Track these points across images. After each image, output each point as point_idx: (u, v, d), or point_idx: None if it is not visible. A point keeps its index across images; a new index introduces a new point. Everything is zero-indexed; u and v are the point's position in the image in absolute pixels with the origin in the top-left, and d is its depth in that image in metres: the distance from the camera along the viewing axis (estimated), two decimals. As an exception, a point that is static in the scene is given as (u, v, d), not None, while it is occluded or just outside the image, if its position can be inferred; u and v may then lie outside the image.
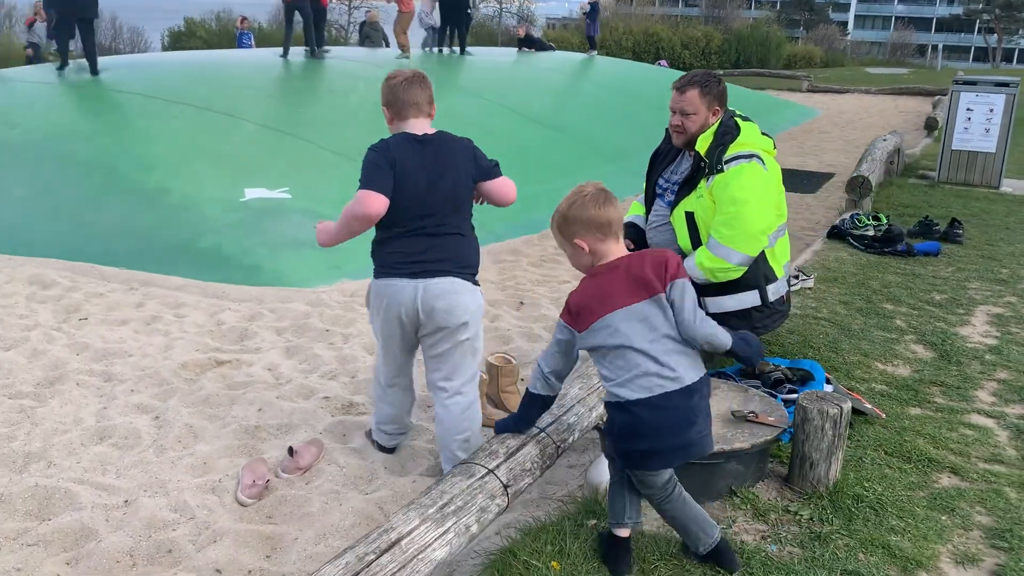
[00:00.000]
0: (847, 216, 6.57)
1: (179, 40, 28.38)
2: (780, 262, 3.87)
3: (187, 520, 3.10)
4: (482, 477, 2.43)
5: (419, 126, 3.30)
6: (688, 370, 2.39)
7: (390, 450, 3.62)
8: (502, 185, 3.50)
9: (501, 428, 2.70)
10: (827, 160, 11.94)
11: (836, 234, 6.41)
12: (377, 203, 3.08)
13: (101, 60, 10.38)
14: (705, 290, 3.77)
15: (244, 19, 17.29)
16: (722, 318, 3.82)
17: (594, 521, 2.87)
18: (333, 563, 2.02)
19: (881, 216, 6.44)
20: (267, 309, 5.36)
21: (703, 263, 3.66)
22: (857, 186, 7.18)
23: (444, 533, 2.20)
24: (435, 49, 14.89)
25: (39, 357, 4.52)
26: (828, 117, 17.14)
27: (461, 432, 3.28)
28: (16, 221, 6.77)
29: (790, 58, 36.62)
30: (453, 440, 3.28)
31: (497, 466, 2.49)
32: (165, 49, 29.19)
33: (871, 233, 6.18)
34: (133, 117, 8.34)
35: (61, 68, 10.03)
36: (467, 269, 3.33)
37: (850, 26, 78.70)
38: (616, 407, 2.43)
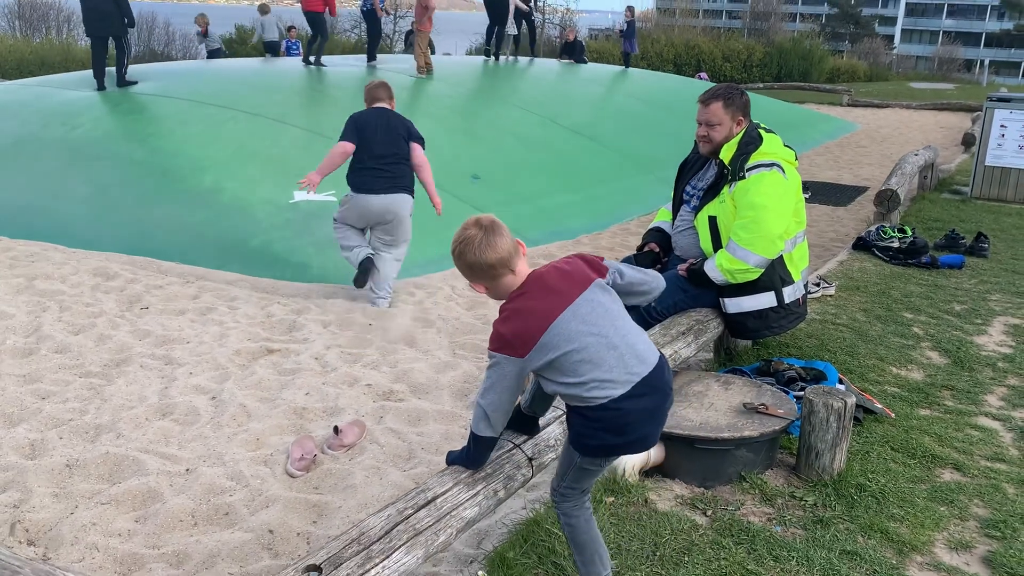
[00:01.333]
0: (872, 228, 6.73)
1: (230, 47, 29.10)
2: (798, 267, 4.10)
3: (242, 487, 3.41)
4: (509, 450, 2.70)
5: (381, 105, 5.62)
6: (649, 346, 2.35)
7: (367, 265, 5.56)
8: (417, 147, 5.58)
9: (452, 460, 2.53)
10: (862, 174, 12.04)
11: (861, 245, 6.59)
12: (347, 147, 5.46)
13: (162, 65, 10.84)
14: (724, 291, 4.01)
15: (292, 28, 17.62)
16: (740, 317, 4.06)
17: (612, 498, 3.12)
18: (377, 515, 2.30)
19: (906, 228, 6.60)
20: (314, 304, 5.68)
21: (722, 264, 3.90)
22: (885, 199, 7.33)
23: (474, 495, 2.47)
24: (495, 59, 15.04)
25: (105, 341, 4.89)
26: (866, 131, 17.17)
27: (388, 277, 5.66)
28: (80, 217, 7.20)
29: (833, 72, 36.48)
30: (385, 280, 5.63)
31: (523, 441, 2.76)
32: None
33: (895, 245, 6.35)
34: (188, 122, 8.77)
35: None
36: (405, 187, 5.55)
37: (896, 40, 77.87)
38: (598, 408, 2.26)
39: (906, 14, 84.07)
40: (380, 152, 5.42)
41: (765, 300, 4.01)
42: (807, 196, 10.19)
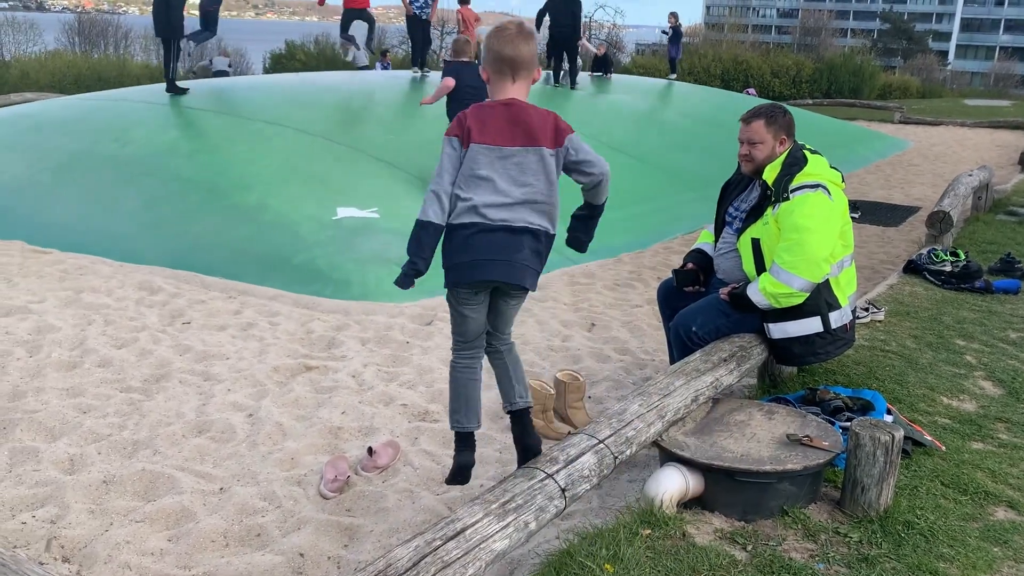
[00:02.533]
0: (924, 251, 6.55)
1: (279, 62, 29.62)
2: (845, 292, 3.98)
3: (275, 508, 3.40)
4: (542, 480, 2.64)
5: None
6: (532, 216, 2.72)
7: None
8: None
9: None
10: (914, 194, 11.77)
11: (912, 269, 6.41)
12: (450, 81, 7.80)
13: (212, 82, 11.01)
14: (768, 315, 3.92)
15: (387, 53, 17.15)
16: (785, 343, 3.95)
17: (648, 530, 3.04)
18: (404, 546, 2.26)
19: (959, 252, 6.40)
20: (353, 321, 5.69)
21: (766, 288, 3.81)
22: (937, 221, 7.14)
23: (505, 527, 2.42)
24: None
25: (147, 356, 4.94)
26: (919, 150, 16.81)
27: None
28: (127, 231, 7.33)
29: (884, 88, 35.85)
30: None
31: (556, 471, 2.70)
32: (267, 71, 30.49)
33: (948, 269, 6.16)
34: (235, 138, 8.90)
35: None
36: None
37: (951, 56, 76.48)
38: (457, 227, 2.71)
39: (961, 29, 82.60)
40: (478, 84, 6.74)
41: (811, 325, 3.90)
42: (856, 216, 10.02)
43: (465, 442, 2.96)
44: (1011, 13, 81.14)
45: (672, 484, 3.12)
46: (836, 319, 3.93)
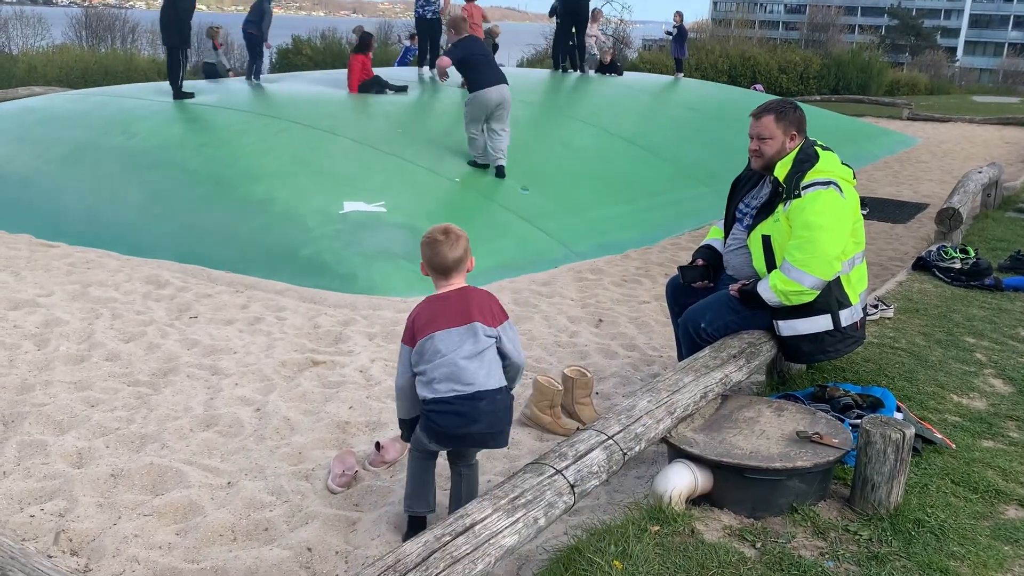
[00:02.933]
0: (933, 248, 6.51)
1: (286, 58, 29.61)
2: (856, 289, 3.95)
3: (282, 503, 3.39)
4: (551, 476, 2.63)
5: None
6: (486, 379, 2.97)
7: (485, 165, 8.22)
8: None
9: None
10: (923, 190, 11.72)
11: (922, 266, 6.37)
12: (445, 60, 8.33)
13: (223, 82, 11.04)
14: (778, 313, 3.89)
15: (414, 36, 16.81)
16: (794, 341, 3.93)
17: (657, 527, 3.03)
18: (414, 541, 2.25)
19: (969, 249, 6.37)
20: (360, 315, 5.69)
21: (776, 285, 3.78)
22: (947, 218, 7.10)
23: (514, 523, 2.41)
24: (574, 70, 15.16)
25: (154, 350, 4.94)
26: (927, 146, 16.74)
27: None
28: (134, 224, 7.34)
29: (892, 85, 35.68)
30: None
31: (565, 467, 2.69)
32: (273, 66, 30.48)
33: (957, 266, 6.13)
34: (242, 132, 8.89)
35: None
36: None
37: (959, 52, 76.13)
38: (430, 402, 2.99)
39: (970, 25, 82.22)
40: (488, 57, 8.61)
41: (821, 323, 3.87)
42: (865, 212, 9.93)
43: (417, 526, 3.15)
44: (1020, 9, 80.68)
45: (681, 481, 3.11)
46: (847, 317, 3.91)
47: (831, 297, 3.85)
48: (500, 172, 8.45)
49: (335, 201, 7.37)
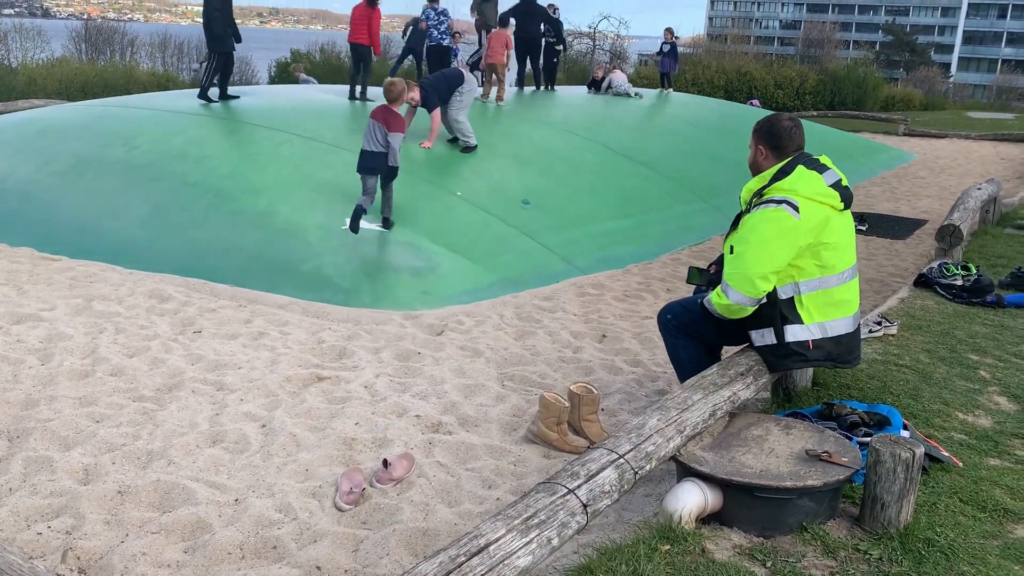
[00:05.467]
0: (935, 265, 6.54)
1: (285, 71, 29.65)
2: (812, 313, 3.81)
3: (291, 520, 3.38)
4: (563, 496, 2.63)
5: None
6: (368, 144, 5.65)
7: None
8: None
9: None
10: (920, 206, 11.77)
11: (923, 283, 6.40)
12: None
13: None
14: (746, 322, 3.89)
15: (458, 34, 16.72)
16: (757, 350, 3.93)
17: (667, 546, 3.02)
18: (428, 562, 2.25)
19: (970, 266, 6.39)
20: (364, 330, 5.68)
21: (712, 297, 3.85)
22: (947, 235, 7.13)
23: (528, 543, 2.40)
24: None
25: (159, 365, 4.93)
26: (924, 162, 16.82)
27: None
28: (137, 238, 7.33)
29: (888, 100, 35.89)
30: None
31: (578, 486, 2.69)
32: (272, 79, 30.53)
33: (959, 283, 6.15)
34: (244, 144, 8.91)
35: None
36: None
37: (953, 68, 76.61)
38: None
39: (963, 42, 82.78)
40: None
41: (767, 336, 3.87)
42: (863, 228, 9.98)
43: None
44: (1013, 26, 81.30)
45: (691, 499, 3.11)
46: (792, 334, 3.81)
47: (775, 312, 3.80)
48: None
49: (337, 215, 7.37)
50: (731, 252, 3.84)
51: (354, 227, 6.94)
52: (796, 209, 3.69)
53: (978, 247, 8.21)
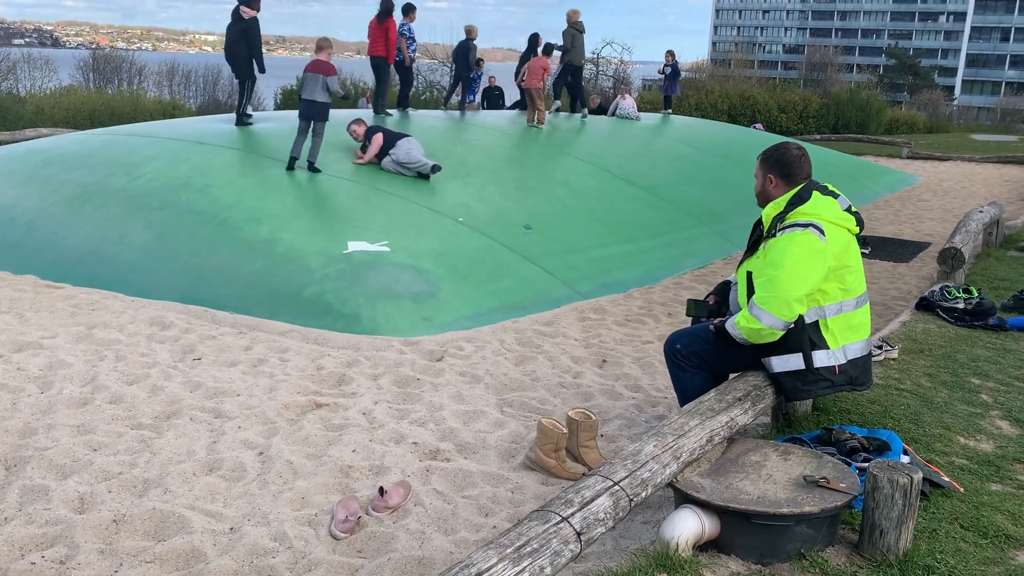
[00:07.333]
0: (936, 288, 6.52)
1: (291, 97, 29.90)
2: (836, 337, 3.86)
3: (286, 549, 3.36)
4: (557, 523, 2.61)
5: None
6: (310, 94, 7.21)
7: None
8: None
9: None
10: (924, 229, 11.76)
11: (925, 306, 6.37)
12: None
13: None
14: (761, 350, 3.88)
15: (481, 61, 16.88)
16: (775, 377, 3.91)
17: (664, 574, 2.99)
18: (419, 591, 2.23)
19: (972, 289, 6.37)
20: (363, 356, 5.68)
21: (739, 322, 3.82)
22: (949, 258, 7.12)
23: (520, 572, 2.38)
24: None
25: (158, 392, 4.93)
26: (928, 185, 16.83)
27: None
28: (140, 266, 7.36)
29: (891, 123, 36.02)
30: None
31: (572, 514, 2.67)
32: (278, 106, 30.79)
33: (961, 306, 6.13)
34: (246, 172, 8.96)
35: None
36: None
37: (957, 91, 76.86)
38: None
39: (967, 65, 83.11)
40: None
41: (793, 362, 3.86)
42: (866, 251, 9.97)
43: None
44: (1016, 49, 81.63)
45: (688, 526, 3.08)
46: (821, 359, 3.85)
47: (803, 337, 3.82)
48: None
49: (338, 241, 7.40)
50: (750, 277, 3.85)
51: (290, 168, 8.88)
52: (822, 232, 3.76)
53: (981, 269, 8.18)
